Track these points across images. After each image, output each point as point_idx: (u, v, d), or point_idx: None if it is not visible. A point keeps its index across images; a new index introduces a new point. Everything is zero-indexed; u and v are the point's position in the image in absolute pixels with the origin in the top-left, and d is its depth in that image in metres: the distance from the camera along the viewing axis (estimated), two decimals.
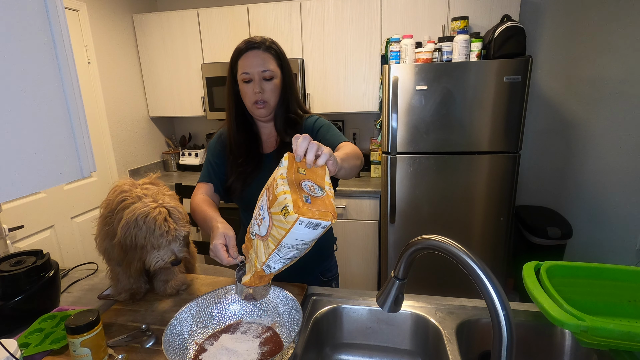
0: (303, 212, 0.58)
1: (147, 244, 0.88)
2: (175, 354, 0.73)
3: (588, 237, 2.48)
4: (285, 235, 0.61)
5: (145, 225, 0.86)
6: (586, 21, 2.28)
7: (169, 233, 0.88)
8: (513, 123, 1.94)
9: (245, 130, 1.12)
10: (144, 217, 0.86)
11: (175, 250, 0.92)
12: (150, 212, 0.86)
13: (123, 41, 2.59)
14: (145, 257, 0.91)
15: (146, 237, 0.87)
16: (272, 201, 0.63)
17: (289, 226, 0.60)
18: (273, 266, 0.70)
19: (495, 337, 0.52)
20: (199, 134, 3.19)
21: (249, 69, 1.01)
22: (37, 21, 0.50)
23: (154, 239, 0.87)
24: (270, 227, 0.64)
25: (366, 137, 2.85)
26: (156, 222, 0.86)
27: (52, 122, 0.53)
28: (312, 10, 2.38)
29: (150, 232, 0.86)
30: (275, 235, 0.64)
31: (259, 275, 0.73)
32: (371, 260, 2.41)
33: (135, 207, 0.88)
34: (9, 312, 0.90)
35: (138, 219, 0.86)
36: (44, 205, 1.99)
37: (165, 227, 0.87)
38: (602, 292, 0.91)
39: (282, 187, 0.61)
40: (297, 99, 1.13)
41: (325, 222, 0.60)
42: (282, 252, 0.66)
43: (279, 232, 0.62)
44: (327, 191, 0.66)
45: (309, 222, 0.59)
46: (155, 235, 0.87)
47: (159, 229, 0.86)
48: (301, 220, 0.58)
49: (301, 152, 0.65)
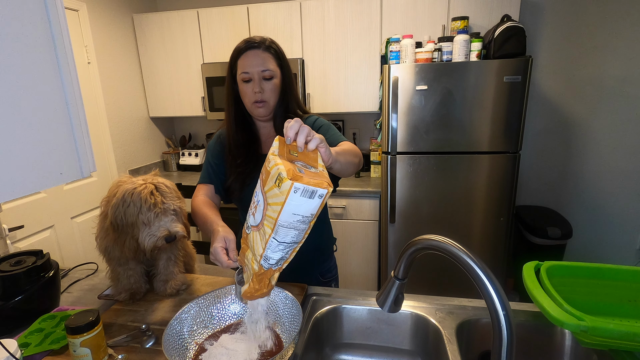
0: (297, 178, 0.56)
1: (137, 220, 0.87)
2: (175, 354, 0.73)
3: (588, 237, 2.48)
4: (281, 210, 0.59)
5: (132, 201, 0.85)
6: (586, 21, 2.28)
7: (156, 206, 0.87)
8: (513, 123, 1.94)
9: (244, 130, 1.12)
10: (131, 193, 0.85)
11: (168, 225, 0.90)
12: (136, 188, 0.86)
13: (123, 41, 2.59)
14: (137, 235, 0.89)
15: (134, 213, 0.86)
16: (265, 179, 0.61)
17: (284, 197, 0.57)
18: (271, 257, 0.66)
19: (495, 337, 0.52)
20: (199, 134, 3.19)
21: (248, 69, 1.01)
22: (37, 21, 0.50)
23: (142, 214, 0.86)
24: (265, 208, 0.62)
25: (366, 137, 2.85)
26: (142, 196, 0.85)
27: (52, 122, 0.53)
28: (312, 10, 2.38)
29: (138, 208, 0.85)
30: (270, 216, 0.61)
31: (258, 276, 0.69)
32: (371, 260, 2.41)
33: (123, 187, 0.88)
34: (9, 312, 0.90)
35: (126, 195, 0.86)
36: (44, 205, 1.99)
37: (151, 199, 0.86)
38: (602, 292, 0.91)
39: (274, 160, 0.60)
40: (297, 98, 1.13)
41: (322, 190, 0.58)
42: (279, 234, 0.62)
43: (274, 209, 0.60)
44: (320, 170, 0.65)
45: (304, 189, 0.56)
46: (143, 210, 0.86)
47: (145, 203, 0.85)
48: (296, 186, 0.56)
49: (291, 134, 0.65)
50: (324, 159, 0.69)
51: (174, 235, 0.91)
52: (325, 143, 0.70)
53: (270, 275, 0.69)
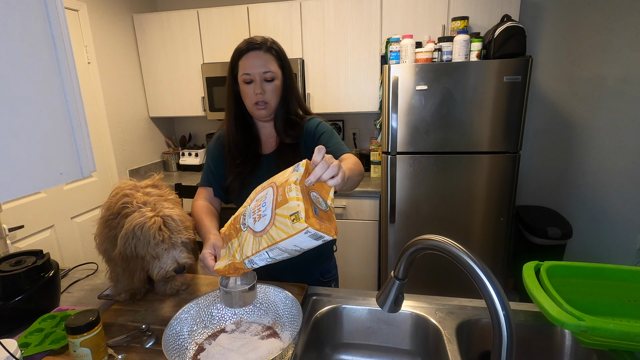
0: (312, 223, 0.60)
1: (146, 254, 0.87)
2: (175, 354, 0.73)
3: (588, 237, 2.48)
4: (286, 239, 0.62)
5: (142, 235, 0.86)
6: (586, 21, 2.28)
7: (164, 242, 0.88)
8: (513, 123, 1.94)
9: (244, 130, 1.12)
10: (140, 228, 0.86)
11: (176, 257, 0.91)
12: (145, 222, 0.86)
13: (123, 41, 2.59)
14: (147, 267, 0.90)
15: (144, 247, 0.87)
16: (280, 202, 0.63)
17: (294, 232, 0.61)
18: (257, 263, 0.70)
19: (495, 337, 0.52)
20: (199, 134, 3.19)
21: (250, 70, 1.01)
22: (37, 21, 0.50)
23: (151, 248, 0.87)
24: (270, 226, 0.64)
25: (366, 137, 2.85)
26: (150, 232, 0.86)
27: (52, 122, 0.53)
28: (312, 10, 2.38)
29: (147, 242, 0.86)
30: (272, 236, 0.64)
31: (236, 266, 0.73)
32: (371, 260, 2.41)
33: (133, 217, 0.88)
34: (9, 312, 0.90)
35: (135, 229, 0.86)
36: (44, 205, 1.99)
37: (159, 236, 0.87)
38: (602, 292, 0.91)
39: (295, 193, 0.62)
40: (298, 99, 1.13)
41: (327, 237, 0.62)
42: (273, 252, 0.66)
43: (279, 234, 0.63)
44: (330, 206, 0.68)
45: (314, 234, 0.61)
46: (151, 245, 0.87)
47: (153, 239, 0.86)
48: (308, 230, 0.60)
49: (320, 173, 0.65)
50: (335, 189, 0.71)
51: (183, 266, 0.93)
52: (343, 178, 0.69)
53: (245, 270, 0.74)
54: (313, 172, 0.66)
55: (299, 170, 0.66)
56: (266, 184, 0.72)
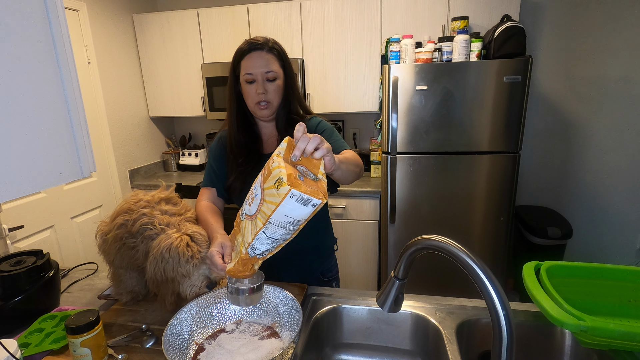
0: (296, 185, 0.59)
1: (176, 275, 0.86)
2: (175, 354, 0.73)
3: (588, 237, 2.48)
4: (275, 209, 0.62)
5: (171, 257, 0.85)
6: (586, 21, 2.28)
7: (193, 257, 0.87)
8: (513, 123, 1.94)
9: (245, 130, 1.12)
10: (168, 250, 0.85)
11: (207, 273, 0.91)
12: (172, 242, 0.85)
13: (123, 41, 2.59)
14: (177, 289, 0.89)
15: (174, 268, 0.86)
16: (266, 177, 0.64)
17: (280, 199, 0.60)
18: (258, 247, 0.70)
19: (495, 337, 0.52)
20: (199, 134, 3.19)
21: (252, 70, 1.01)
22: (37, 21, 0.50)
23: (181, 267, 0.86)
24: (261, 203, 0.65)
25: (366, 137, 2.85)
26: (179, 250, 0.85)
27: (52, 122, 0.53)
28: (312, 10, 2.38)
29: (176, 262, 0.85)
30: (264, 212, 0.64)
31: (243, 260, 0.73)
32: (371, 260, 2.41)
33: (160, 239, 0.87)
34: (9, 312, 0.90)
35: (163, 252, 0.85)
36: (44, 205, 1.99)
37: (188, 252, 0.86)
38: (602, 292, 0.91)
39: (277, 162, 0.63)
40: (300, 99, 1.13)
41: (316, 200, 0.61)
42: (269, 230, 0.66)
43: (269, 207, 0.63)
44: (320, 179, 0.67)
45: (300, 196, 0.60)
46: (181, 263, 0.86)
47: (182, 256, 0.85)
48: (292, 193, 0.59)
49: (302, 146, 0.66)
50: (327, 166, 0.71)
51: (215, 281, 0.92)
52: (331, 152, 0.71)
53: (254, 262, 0.74)
54: (296, 146, 0.67)
55: (281, 145, 0.68)
56: (260, 173, 0.73)
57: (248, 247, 0.70)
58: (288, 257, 1.13)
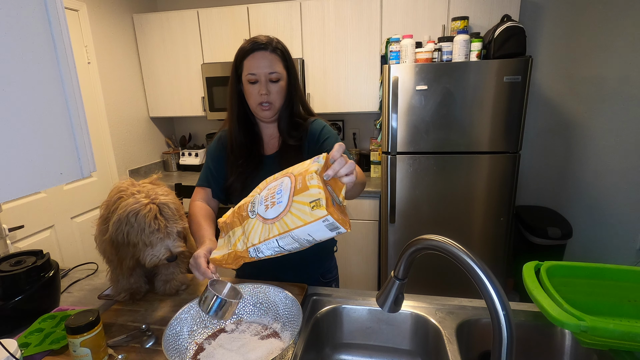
0: (332, 212, 0.60)
1: (139, 241, 0.86)
2: (175, 354, 0.73)
3: (588, 237, 2.48)
4: (301, 226, 0.62)
5: (137, 222, 0.84)
6: (586, 21, 2.28)
7: (160, 230, 0.86)
8: (513, 123, 1.94)
9: (246, 130, 1.11)
10: (135, 214, 0.84)
11: (170, 246, 0.90)
12: (140, 209, 0.85)
13: (123, 41, 2.59)
14: (138, 254, 0.89)
15: (138, 234, 0.85)
16: (300, 190, 0.63)
17: (312, 219, 0.60)
18: (263, 251, 0.68)
19: (495, 337, 0.52)
20: (199, 134, 3.19)
21: (255, 70, 1.00)
22: (37, 21, 0.50)
23: (145, 236, 0.85)
24: (285, 213, 0.64)
25: (366, 137, 2.85)
26: (146, 220, 0.84)
27: (52, 122, 0.53)
28: (312, 10, 2.38)
29: (141, 230, 0.85)
30: (286, 222, 0.63)
31: (237, 255, 0.71)
32: (371, 260, 2.41)
33: (127, 203, 0.86)
34: (9, 312, 0.90)
35: (129, 215, 0.84)
36: (44, 205, 1.99)
37: (155, 225, 0.85)
38: (602, 292, 0.91)
39: (317, 181, 0.62)
40: (302, 100, 1.13)
41: (342, 229, 0.63)
42: (284, 240, 0.65)
43: (294, 221, 0.62)
44: (343, 204, 0.69)
45: (332, 223, 0.61)
46: (146, 233, 0.85)
47: (149, 227, 0.85)
48: (327, 218, 0.60)
49: (338, 168, 0.66)
50: (347, 189, 0.71)
51: (176, 255, 0.91)
52: (354, 179, 0.71)
53: (246, 260, 0.72)
54: (332, 166, 0.66)
55: (319, 162, 0.66)
56: (280, 175, 0.72)
57: (251, 247, 0.69)
58: (287, 259, 1.13)
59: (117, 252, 0.89)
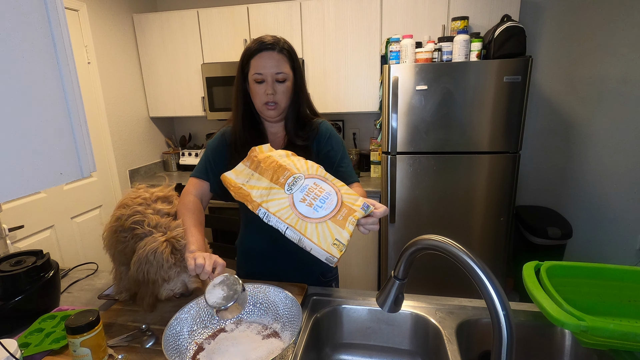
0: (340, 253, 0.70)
1: (157, 278, 0.89)
2: (175, 354, 0.73)
3: (588, 237, 2.48)
4: (314, 243, 0.70)
5: (155, 260, 0.87)
6: (586, 21, 2.28)
7: (176, 265, 0.89)
8: (513, 123, 1.94)
9: (251, 128, 1.11)
10: (153, 254, 0.87)
11: (186, 281, 0.93)
12: (158, 247, 0.88)
13: (123, 41, 2.59)
14: (157, 291, 0.91)
15: (157, 271, 0.88)
16: (338, 221, 0.71)
17: (325, 248, 0.70)
18: (270, 221, 0.73)
19: (495, 337, 0.52)
20: (199, 134, 3.19)
21: (262, 70, 1.00)
22: (37, 21, 0.50)
23: (164, 272, 0.88)
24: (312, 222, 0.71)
25: (366, 137, 2.85)
26: (163, 257, 0.87)
27: (52, 122, 0.53)
28: (312, 10, 2.38)
29: (160, 266, 0.88)
30: (307, 229, 0.70)
31: (244, 195, 0.75)
32: (371, 260, 2.41)
33: (146, 242, 0.89)
34: (9, 312, 0.90)
35: (148, 255, 0.87)
36: (44, 205, 1.99)
37: (172, 259, 0.88)
38: (602, 292, 0.91)
39: (352, 227, 0.72)
40: (308, 100, 1.13)
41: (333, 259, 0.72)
42: (292, 233, 0.72)
43: (313, 235, 0.70)
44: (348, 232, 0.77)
45: (331, 261, 0.71)
46: (164, 268, 0.88)
47: (166, 262, 0.87)
48: (333, 260, 0.70)
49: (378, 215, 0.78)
50: None
51: (190, 291, 0.95)
52: None
53: (248, 205, 0.77)
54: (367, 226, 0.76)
55: (365, 210, 0.73)
56: (324, 177, 0.77)
57: (265, 209, 0.73)
58: (288, 258, 1.13)
59: (138, 289, 0.92)
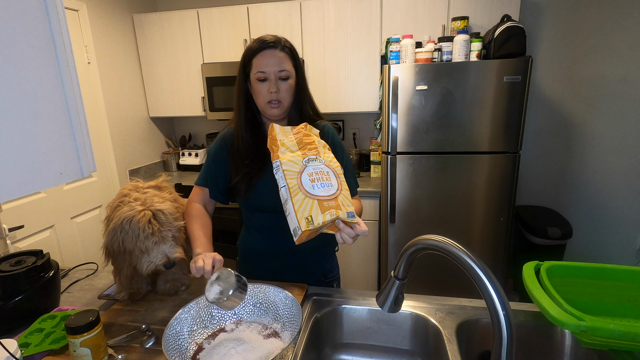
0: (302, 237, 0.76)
1: (135, 248, 0.86)
2: (175, 354, 0.73)
3: (588, 237, 2.48)
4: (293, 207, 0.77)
5: (131, 228, 0.85)
6: (586, 21, 2.28)
7: (154, 234, 0.87)
8: (513, 123, 1.94)
9: (253, 130, 1.10)
10: (129, 221, 0.85)
11: (167, 252, 0.90)
12: (134, 216, 0.85)
13: (123, 41, 2.59)
14: (135, 262, 0.89)
15: (132, 241, 0.85)
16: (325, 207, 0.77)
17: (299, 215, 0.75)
18: (278, 172, 0.82)
19: (495, 337, 0.52)
20: (199, 134, 3.19)
21: (264, 68, 1.00)
22: (37, 21, 0.50)
23: (140, 242, 0.86)
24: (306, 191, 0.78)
25: (366, 137, 2.85)
26: (140, 225, 0.84)
27: (52, 122, 0.53)
28: (312, 10, 2.38)
29: (136, 235, 0.85)
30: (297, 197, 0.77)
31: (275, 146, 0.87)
32: (371, 260, 2.41)
33: (122, 211, 0.86)
34: (9, 312, 0.90)
35: (123, 223, 0.85)
36: (44, 205, 1.99)
37: (149, 229, 0.85)
38: (602, 292, 0.91)
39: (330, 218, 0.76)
40: (310, 99, 1.13)
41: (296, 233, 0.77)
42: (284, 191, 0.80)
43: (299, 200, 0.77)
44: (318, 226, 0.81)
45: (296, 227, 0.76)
46: (140, 238, 0.85)
47: (143, 232, 0.85)
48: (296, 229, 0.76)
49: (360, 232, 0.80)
50: None
51: (173, 261, 0.92)
52: None
53: (273, 149, 0.89)
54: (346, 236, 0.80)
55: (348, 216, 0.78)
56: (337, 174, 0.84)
57: (278, 162, 0.83)
58: (289, 258, 1.13)
59: (114, 261, 0.90)
